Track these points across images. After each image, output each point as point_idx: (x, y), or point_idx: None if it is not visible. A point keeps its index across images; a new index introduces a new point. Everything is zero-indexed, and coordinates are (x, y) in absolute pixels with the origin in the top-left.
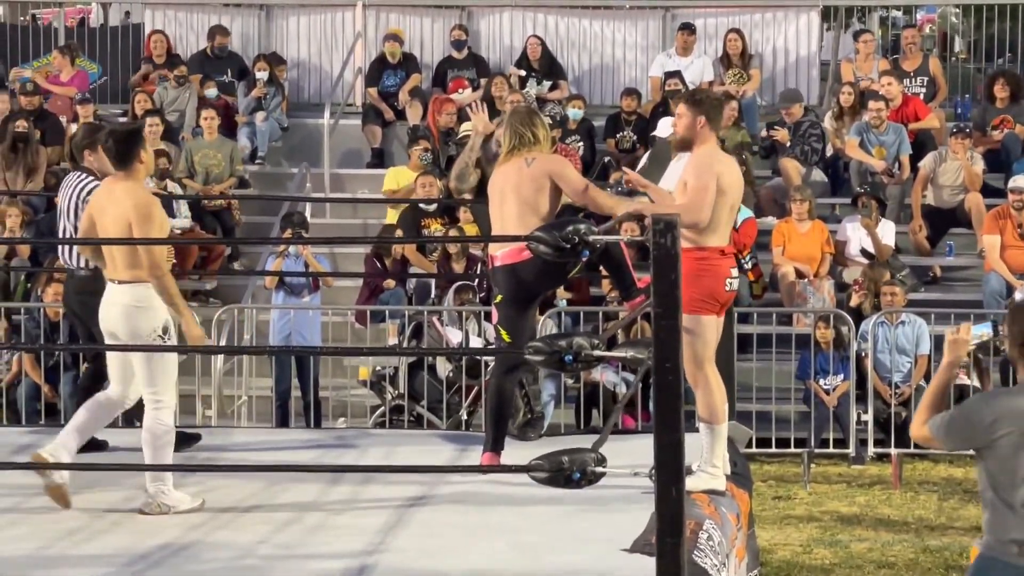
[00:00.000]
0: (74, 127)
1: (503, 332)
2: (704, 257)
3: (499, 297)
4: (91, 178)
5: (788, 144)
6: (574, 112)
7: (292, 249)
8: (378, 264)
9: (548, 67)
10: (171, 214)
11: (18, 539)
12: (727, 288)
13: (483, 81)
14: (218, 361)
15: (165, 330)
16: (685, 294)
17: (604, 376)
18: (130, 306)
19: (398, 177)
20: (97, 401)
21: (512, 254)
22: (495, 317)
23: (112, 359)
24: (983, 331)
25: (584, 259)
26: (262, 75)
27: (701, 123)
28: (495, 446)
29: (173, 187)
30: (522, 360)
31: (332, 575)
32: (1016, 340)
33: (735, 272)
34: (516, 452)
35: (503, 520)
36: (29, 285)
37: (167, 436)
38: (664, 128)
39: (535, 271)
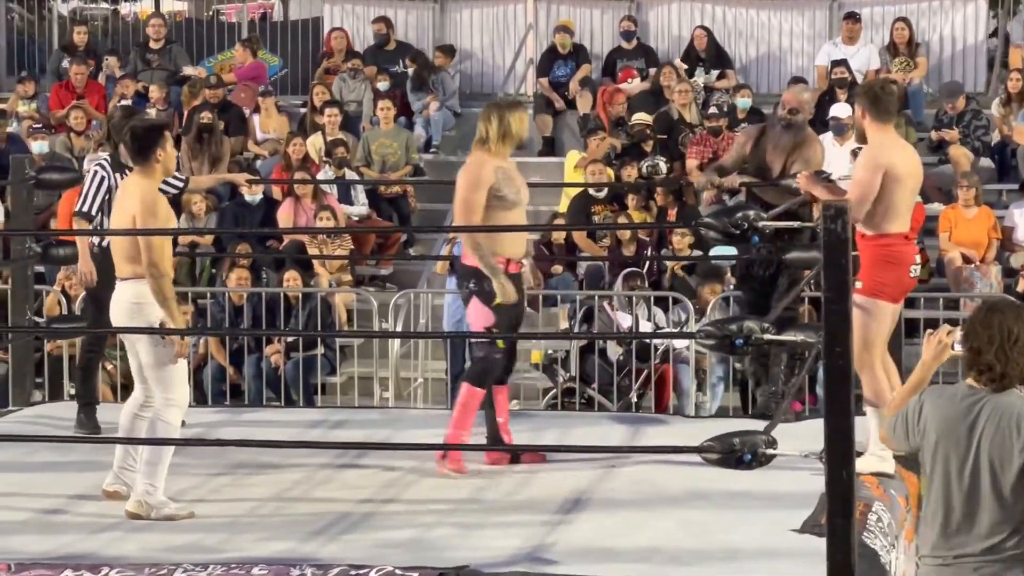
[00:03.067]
0: (257, 118)
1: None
2: (889, 244)
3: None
4: (99, 162)
5: (958, 142)
6: (743, 102)
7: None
8: (546, 250)
9: (715, 57)
10: (349, 201)
11: (209, 513)
12: (911, 274)
13: (652, 71)
14: (395, 344)
15: (163, 326)
16: (869, 278)
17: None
18: (131, 303)
19: (577, 162)
20: (137, 420)
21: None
22: (471, 314)
23: (130, 360)
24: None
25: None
26: (410, 70)
27: (861, 114)
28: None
29: (351, 175)
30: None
31: (508, 553)
32: (980, 341)
33: (918, 259)
34: (688, 433)
35: (675, 500)
36: (214, 270)
37: (170, 434)
38: (841, 110)
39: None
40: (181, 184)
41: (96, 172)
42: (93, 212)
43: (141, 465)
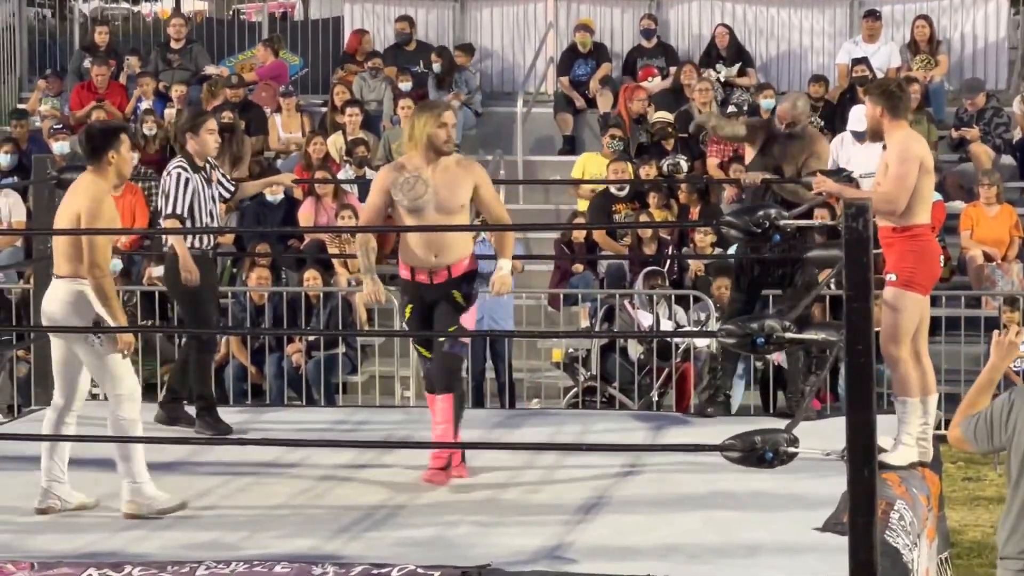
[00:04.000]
0: (279, 118)
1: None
2: (919, 235)
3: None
4: (180, 164)
5: (979, 140)
6: (766, 102)
7: (482, 235)
8: (566, 249)
9: (736, 55)
10: None
11: (231, 512)
12: (941, 265)
13: (672, 69)
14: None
15: (98, 324)
16: (902, 270)
17: (779, 358)
18: (66, 302)
19: (588, 163)
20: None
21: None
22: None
23: (54, 364)
24: None
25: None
26: (436, 68)
27: (880, 112)
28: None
29: (372, 174)
30: None
31: (529, 552)
32: None
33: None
34: (708, 431)
35: (696, 498)
36: (235, 270)
37: (132, 428)
38: (856, 120)
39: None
40: (232, 190)
41: (179, 174)
42: (184, 213)
43: (119, 466)
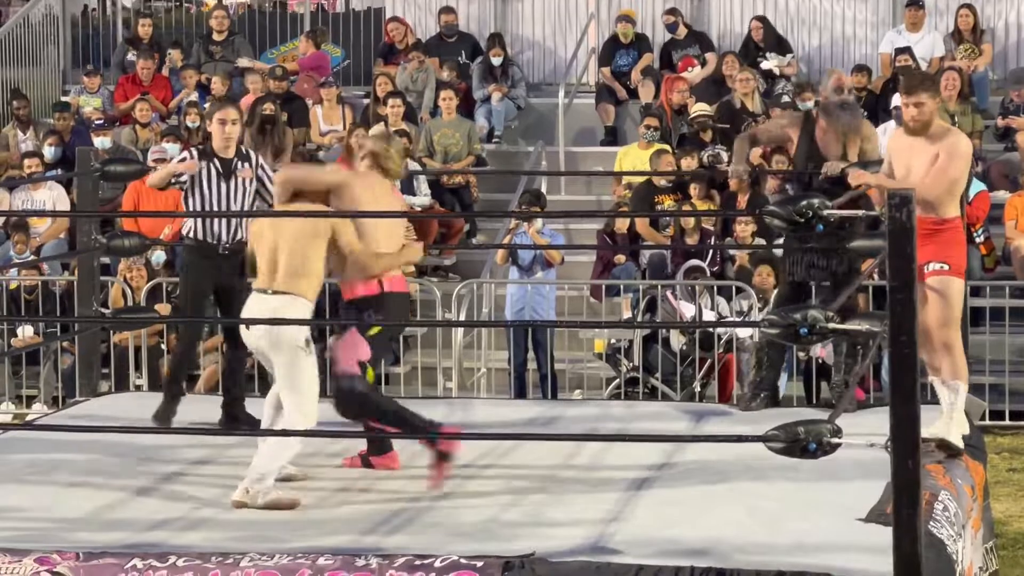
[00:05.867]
0: (320, 110)
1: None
2: (956, 227)
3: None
4: (195, 146)
5: None
6: (804, 105)
7: (523, 227)
8: (608, 240)
9: (776, 46)
10: (412, 192)
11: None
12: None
13: (708, 56)
14: (458, 334)
15: (307, 342)
16: (952, 259)
17: (823, 351)
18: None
19: (627, 156)
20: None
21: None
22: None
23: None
24: None
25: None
26: (496, 60)
27: (935, 104)
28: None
29: (414, 166)
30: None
31: (573, 542)
32: None
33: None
34: (751, 422)
35: (741, 488)
36: None
37: (293, 445)
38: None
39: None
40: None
41: (182, 154)
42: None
43: (259, 455)
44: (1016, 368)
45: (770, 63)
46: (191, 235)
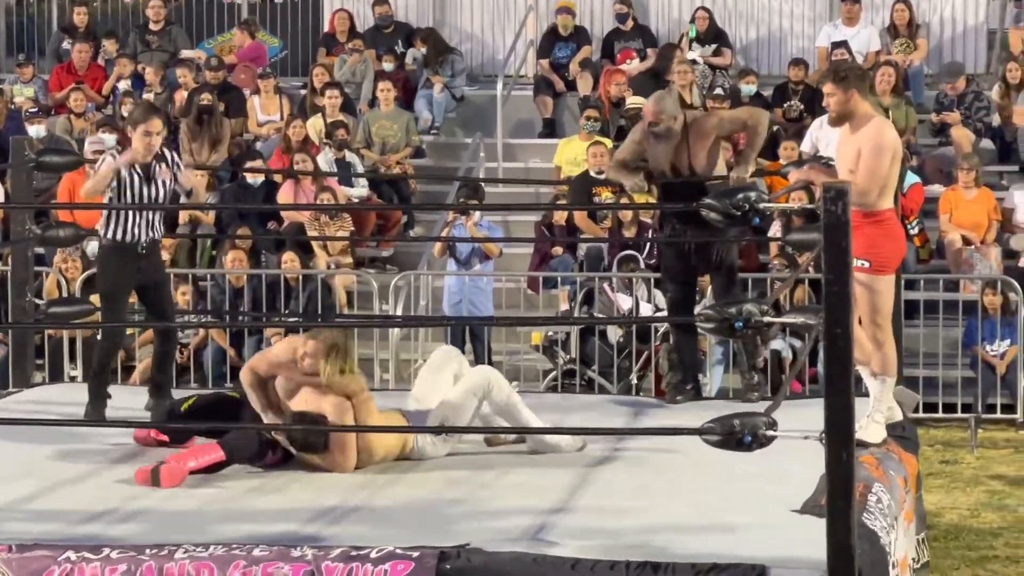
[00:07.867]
0: (257, 100)
1: None
2: (886, 219)
3: None
4: (117, 148)
5: (959, 124)
6: (747, 88)
7: (461, 219)
8: (546, 232)
9: (714, 38)
10: (349, 183)
11: (210, 496)
12: (905, 243)
13: (649, 51)
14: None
15: None
16: (874, 256)
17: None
18: None
19: (568, 148)
20: None
21: None
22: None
23: None
24: None
25: None
26: (417, 53)
27: (851, 96)
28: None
29: (351, 157)
30: None
31: (511, 534)
32: None
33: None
34: (687, 415)
35: (676, 481)
36: (214, 252)
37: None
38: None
39: None
40: (188, 191)
41: (106, 157)
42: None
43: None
44: (949, 361)
45: (693, 53)
46: (110, 237)
